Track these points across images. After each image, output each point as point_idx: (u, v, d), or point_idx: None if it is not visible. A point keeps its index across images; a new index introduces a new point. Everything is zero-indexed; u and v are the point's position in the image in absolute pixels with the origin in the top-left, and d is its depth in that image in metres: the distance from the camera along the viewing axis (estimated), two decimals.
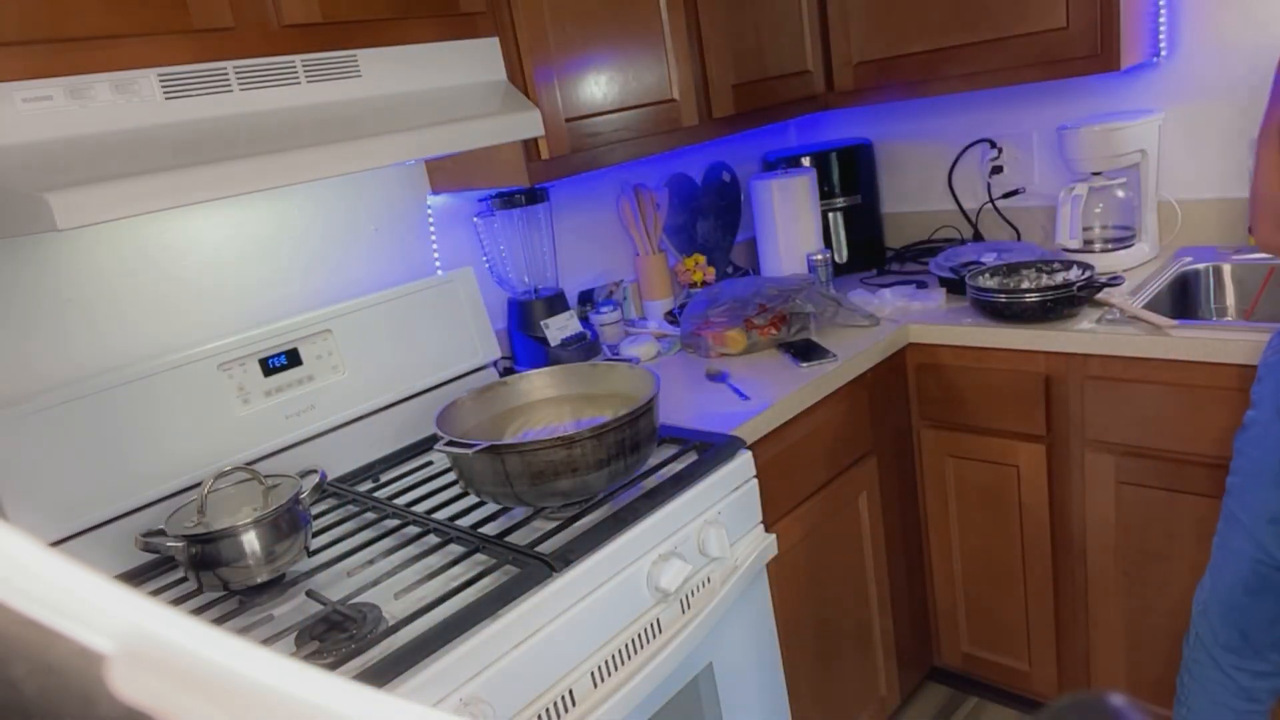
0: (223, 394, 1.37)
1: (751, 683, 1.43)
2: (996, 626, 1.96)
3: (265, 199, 1.51)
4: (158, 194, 0.98)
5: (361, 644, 1.00)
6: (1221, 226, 1.96)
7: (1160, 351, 1.55)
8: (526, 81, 1.49)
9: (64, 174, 0.94)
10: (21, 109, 0.96)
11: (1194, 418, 1.55)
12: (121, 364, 1.33)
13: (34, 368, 1.27)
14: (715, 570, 1.31)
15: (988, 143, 2.23)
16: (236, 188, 1.04)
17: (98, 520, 1.25)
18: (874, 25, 2.00)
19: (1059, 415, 1.72)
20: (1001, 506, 1.86)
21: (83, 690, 0.15)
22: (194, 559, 1.12)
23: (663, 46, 1.73)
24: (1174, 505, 1.62)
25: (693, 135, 1.82)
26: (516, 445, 1.16)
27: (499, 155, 1.57)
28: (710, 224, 2.32)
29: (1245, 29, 1.84)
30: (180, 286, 1.42)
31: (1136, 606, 1.73)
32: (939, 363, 1.85)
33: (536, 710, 1.06)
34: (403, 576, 1.14)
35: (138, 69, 1.04)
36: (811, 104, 2.10)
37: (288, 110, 1.17)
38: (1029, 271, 1.86)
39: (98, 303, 1.33)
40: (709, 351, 1.84)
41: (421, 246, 1.74)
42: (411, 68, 1.31)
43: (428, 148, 1.24)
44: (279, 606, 1.15)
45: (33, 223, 0.91)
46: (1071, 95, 2.09)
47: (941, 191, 2.37)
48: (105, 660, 0.16)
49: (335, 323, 1.51)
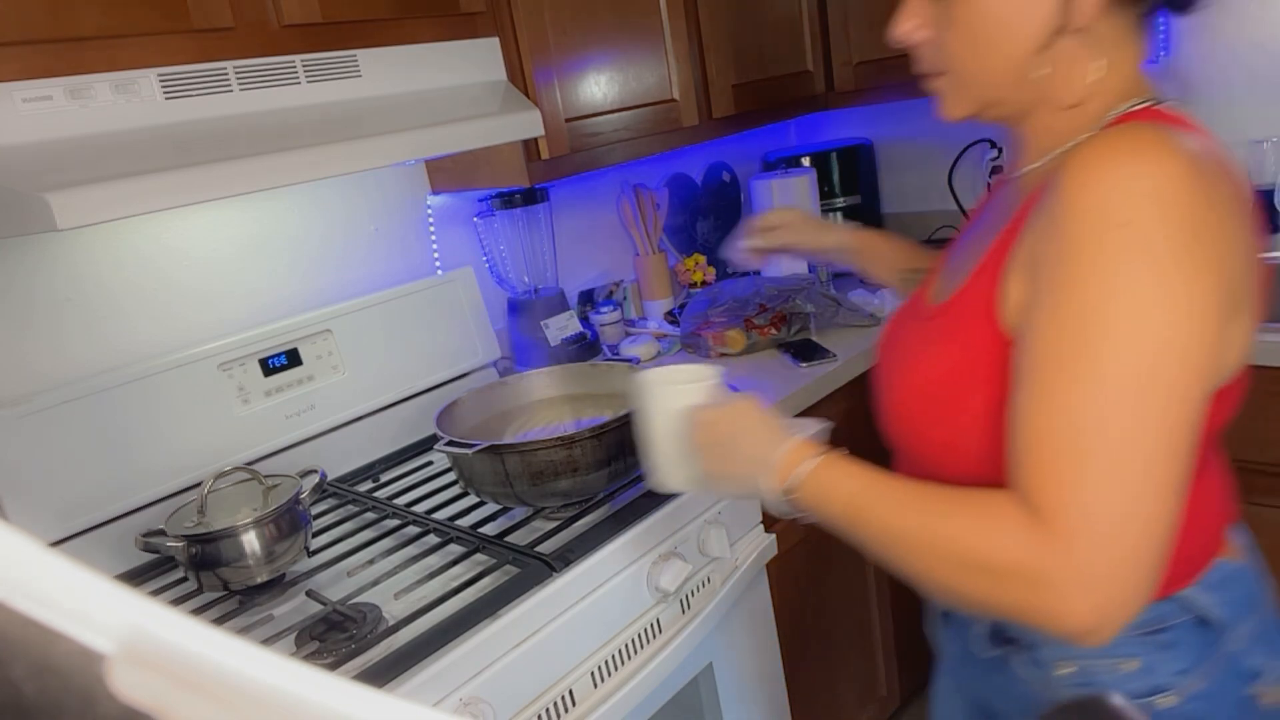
0: (223, 394, 1.37)
1: (751, 683, 1.43)
2: None
3: (265, 199, 1.51)
4: (158, 194, 0.98)
5: (361, 644, 1.00)
6: None
7: None
8: (526, 81, 1.49)
9: (64, 174, 0.94)
10: (21, 109, 0.96)
11: None
12: (121, 364, 1.33)
13: (33, 368, 1.27)
14: (715, 570, 1.31)
15: (988, 143, 2.23)
16: (236, 188, 1.04)
17: (98, 520, 1.25)
18: (874, 25, 1.99)
19: None
20: None
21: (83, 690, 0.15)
22: (194, 559, 1.12)
23: (663, 46, 1.73)
24: None
25: (693, 135, 1.82)
26: (516, 445, 1.16)
27: (499, 155, 1.57)
28: (710, 224, 2.32)
29: (1245, 29, 1.84)
30: (180, 286, 1.42)
31: None
32: None
33: (536, 710, 1.06)
34: (403, 576, 1.14)
35: (138, 69, 1.04)
36: (811, 104, 2.10)
37: (288, 110, 1.17)
38: None
39: (98, 303, 1.33)
40: (709, 351, 1.84)
41: (421, 246, 1.74)
42: (411, 68, 1.31)
43: (428, 148, 1.24)
44: (279, 606, 1.15)
45: (33, 223, 0.91)
46: None
47: (941, 191, 2.37)
48: (105, 660, 0.16)
49: (335, 323, 1.51)
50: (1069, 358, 0.60)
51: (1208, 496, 0.77)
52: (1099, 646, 0.75)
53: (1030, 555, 0.59)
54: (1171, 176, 0.61)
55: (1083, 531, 0.58)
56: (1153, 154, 0.62)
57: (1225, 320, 0.63)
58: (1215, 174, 0.64)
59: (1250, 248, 0.67)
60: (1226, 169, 0.67)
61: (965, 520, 0.64)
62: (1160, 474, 0.59)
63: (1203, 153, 0.65)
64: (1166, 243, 0.59)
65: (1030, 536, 0.60)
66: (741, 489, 0.82)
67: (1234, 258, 0.64)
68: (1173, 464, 0.60)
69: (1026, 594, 0.60)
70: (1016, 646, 0.82)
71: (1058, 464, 0.60)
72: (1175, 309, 0.59)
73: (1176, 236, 0.60)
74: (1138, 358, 0.59)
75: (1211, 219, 0.62)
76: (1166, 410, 0.59)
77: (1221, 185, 0.64)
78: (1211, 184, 0.63)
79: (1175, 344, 0.59)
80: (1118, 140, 0.63)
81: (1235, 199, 0.66)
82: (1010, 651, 0.82)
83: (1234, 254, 0.64)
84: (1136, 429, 0.59)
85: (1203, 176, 0.62)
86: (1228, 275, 0.62)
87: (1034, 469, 0.61)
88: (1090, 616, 0.58)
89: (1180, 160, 0.62)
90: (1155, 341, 0.59)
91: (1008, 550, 0.60)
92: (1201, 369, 0.61)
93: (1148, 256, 0.59)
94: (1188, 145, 0.64)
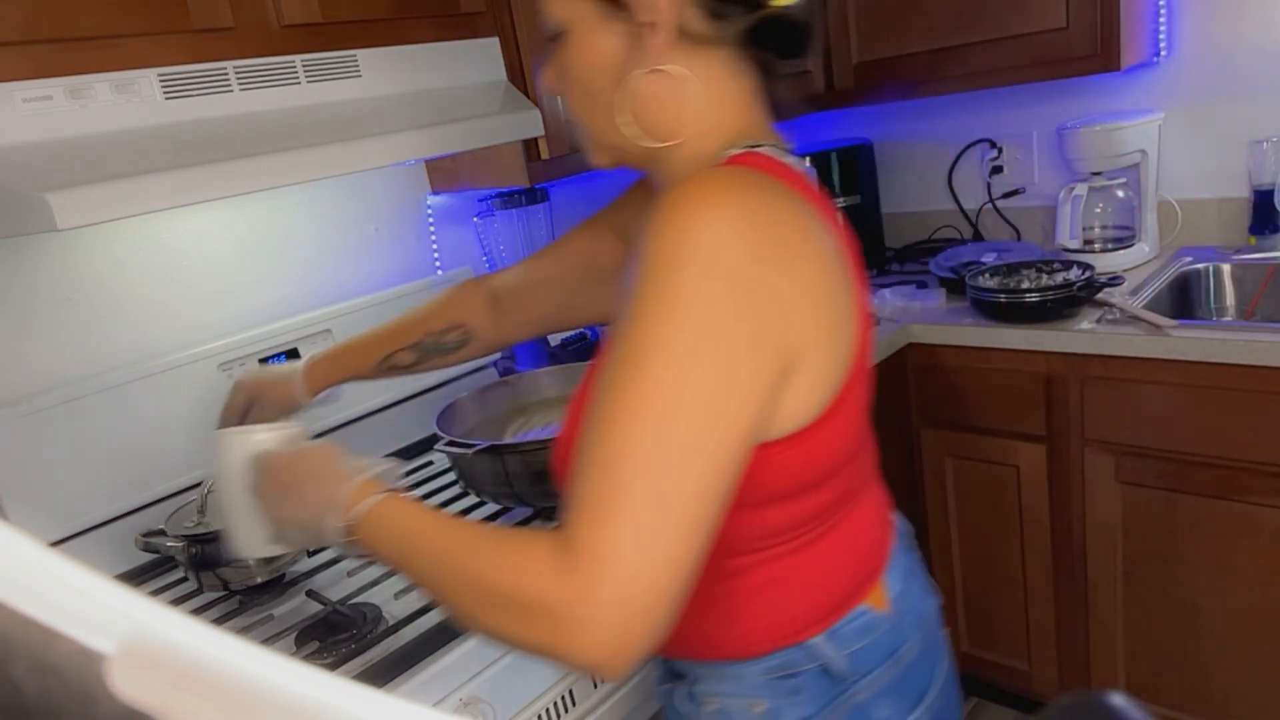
0: (223, 394, 1.37)
1: None
2: (996, 626, 1.96)
3: (265, 199, 1.51)
4: (158, 194, 0.98)
5: (361, 644, 1.00)
6: (1221, 226, 1.96)
7: (1160, 351, 1.55)
8: (526, 81, 1.49)
9: (64, 174, 0.94)
10: (21, 109, 0.96)
11: (1194, 418, 1.55)
12: (122, 364, 1.33)
13: (34, 367, 1.27)
14: None
15: (988, 143, 2.23)
16: (236, 188, 1.04)
17: (98, 520, 1.25)
18: (874, 25, 1.99)
19: (1059, 415, 1.72)
20: (1002, 506, 1.86)
21: (83, 690, 0.15)
22: (194, 559, 1.12)
23: None
24: (1174, 505, 1.62)
25: None
26: (516, 445, 1.16)
27: (499, 155, 1.57)
28: None
29: (1245, 29, 1.84)
30: (180, 286, 1.42)
31: (1136, 606, 1.73)
32: (939, 363, 1.85)
33: (536, 710, 1.06)
34: (403, 576, 1.14)
35: (138, 69, 1.04)
36: (811, 104, 2.10)
37: (288, 110, 1.17)
38: (1029, 271, 1.86)
39: (98, 302, 1.33)
40: None
41: (421, 246, 1.74)
42: (411, 68, 1.31)
43: (428, 148, 1.24)
44: (279, 606, 1.15)
45: (33, 223, 0.90)
46: (1071, 95, 2.09)
47: (941, 191, 2.37)
48: (105, 660, 0.15)
49: (335, 323, 1.51)
50: (613, 398, 0.60)
51: (845, 545, 0.77)
52: (696, 683, 0.79)
53: (551, 590, 0.58)
54: (727, 227, 0.61)
55: (608, 568, 0.57)
56: (713, 202, 0.62)
57: (774, 375, 0.63)
58: (785, 226, 0.64)
59: (824, 302, 0.66)
60: (806, 220, 0.66)
61: (498, 558, 0.62)
62: (689, 517, 0.59)
63: (776, 204, 0.64)
64: (709, 294, 0.59)
65: (554, 572, 0.58)
66: (312, 534, 0.78)
67: (792, 314, 0.63)
68: (703, 508, 0.59)
69: (545, 629, 0.58)
70: (679, 681, 0.83)
71: (594, 499, 0.59)
72: (711, 358, 0.59)
73: (719, 287, 0.60)
74: (670, 403, 0.58)
75: (761, 273, 0.61)
76: (693, 455, 0.58)
77: (790, 238, 0.64)
78: (774, 238, 0.63)
79: (707, 391, 0.59)
80: (689, 188, 0.63)
81: (813, 253, 0.66)
82: (674, 686, 0.84)
83: (792, 310, 0.63)
84: (668, 471, 0.58)
85: (760, 229, 0.62)
86: (779, 331, 0.62)
87: (573, 500, 0.60)
88: (603, 651, 0.57)
89: (740, 211, 0.62)
90: (691, 389, 0.59)
91: (530, 586, 0.59)
92: (735, 418, 0.60)
93: (693, 305, 0.59)
94: (760, 195, 0.64)
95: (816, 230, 0.67)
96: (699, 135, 0.73)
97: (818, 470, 0.71)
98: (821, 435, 0.69)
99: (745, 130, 0.74)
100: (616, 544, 0.57)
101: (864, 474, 0.82)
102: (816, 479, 0.72)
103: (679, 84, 0.71)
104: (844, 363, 0.69)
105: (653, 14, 0.69)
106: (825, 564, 0.76)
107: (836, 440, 0.71)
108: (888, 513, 0.87)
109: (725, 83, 0.73)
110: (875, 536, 0.82)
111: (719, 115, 0.73)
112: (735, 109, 0.74)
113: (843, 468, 0.74)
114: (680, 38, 0.70)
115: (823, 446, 0.70)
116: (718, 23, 0.70)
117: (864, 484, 0.81)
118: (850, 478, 0.77)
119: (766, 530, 0.73)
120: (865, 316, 0.75)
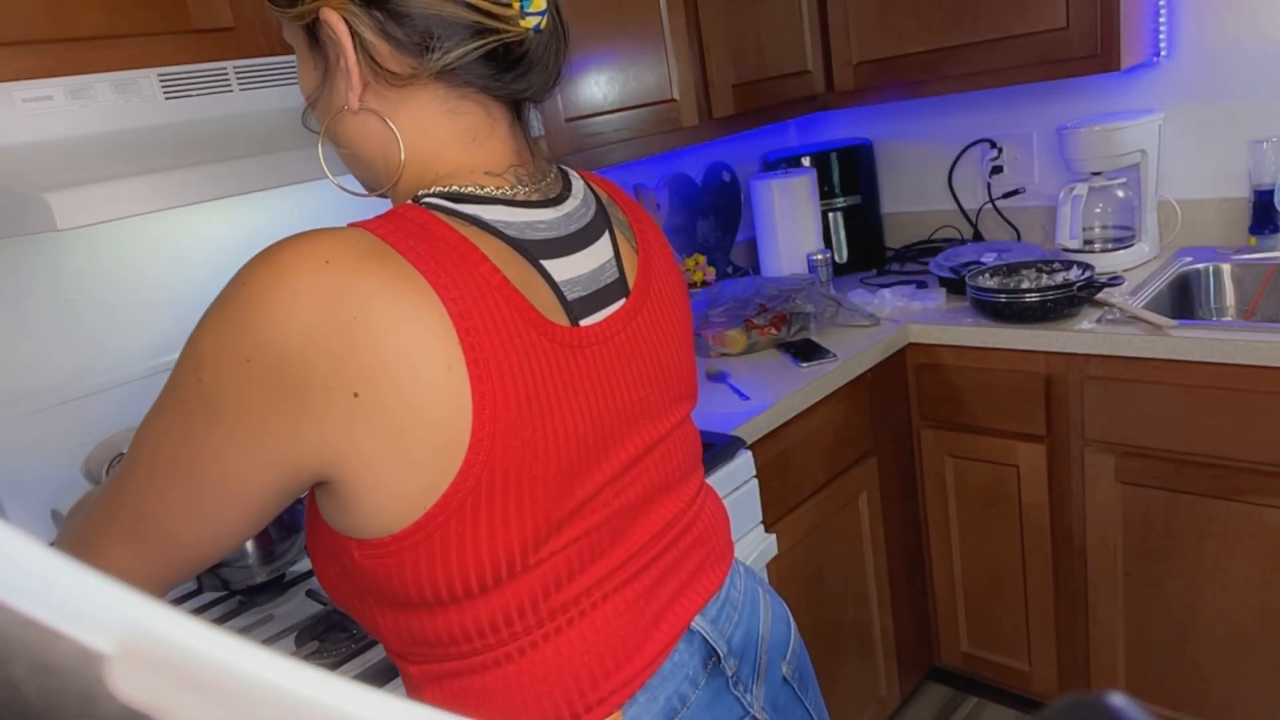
0: None
1: None
2: (996, 626, 1.96)
3: (266, 199, 1.51)
4: (158, 194, 0.98)
5: (362, 644, 1.00)
6: (1221, 226, 1.96)
7: (1160, 351, 1.55)
8: None
9: (64, 174, 0.94)
10: (21, 109, 0.96)
11: (1194, 417, 1.55)
12: (122, 364, 1.33)
13: (34, 368, 1.27)
14: None
15: (988, 143, 2.23)
16: (236, 188, 1.04)
17: None
18: (874, 25, 2.00)
19: (1059, 415, 1.72)
20: (1001, 506, 1.86)
21: (83, 690, 0.15)
22: None
23: (663, 46, 1.73)
24: (1174, 505, 1.62)
25: (693, 135, 1.82)
26: None
27: None
28: (710, 224, 2.32)
29: (1245, 29, 1.84)
30: (180, 286, 1.42)
31: (1136, 606, 1.73)
32: (939, 363, 1.85)
33: None
34: None
35: (138, 69, 1.04)
36: (811, 104, 2.10)
37: (288, 110, 1.17)
38: (1029, 271, 1.86)
39: (98, 303, 1.33)
40: (709, 351, 1.84)
41: None
42: None
43: None
44: (279, 606, 1.15)
45: (33, 223, 0.90)
46: (1071, 95, 2.09)
47: (941, 191, 2.37)
48: (105, 660, 0.15)
49: None
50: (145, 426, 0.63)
51: (570, 651, 0.66)
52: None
53: None
54: (290, 298, 0.58)
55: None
56: (283, 265, 0.60)
57: (322, 465, 0.58)
58: (390, 297, 0.57)
59: (394, 396, 0.57)
60: (402, 304, 0.58)
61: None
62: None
63: (388, 273, 0.58)
64: (239, 373, 0.58)
65: None
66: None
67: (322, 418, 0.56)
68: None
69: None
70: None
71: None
72: (209, 430, 0.58)
73: (243, 374, 0.58)
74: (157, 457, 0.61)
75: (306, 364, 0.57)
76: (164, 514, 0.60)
77: (377, 323, 0.57)
78: (361, 320, 0.57)
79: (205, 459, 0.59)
80: (286, 241, 0.62)
81: (427, 330, 0.57)
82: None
83: (323, 413, 0.56)
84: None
85: (346, 308, 0.57)
86: (329, 421, 0.56)
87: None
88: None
89: (317, 283, 0.59)
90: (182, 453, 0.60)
91: None
92: (235, 496, 0.60)
93: (217, 377, 0.59)
94: (357, 262, 0.59)
95: (419, 316, 0.57)
96: (406, 177, 0.68)
97: (451, 582, 0.61)
98: (427, 545, 0.59)
99: (456, 170, 0.66)
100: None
101: (592, 585, 0.67)
102: (455, 593, 0.61)
103: (375, 124, 0.66)
104: (443, 470, 0.58)
105: (336, 50, 0.63)
106: (555, 669, 0.66)
107: (466, 550, 0.60)
108: (668, 627, 0.71)
109: (435, 120, 0.66)
110: (603, 660, 0.67)
111: (424, 155, 0.67)
112: (448, 148, 0.66)
113: (507, 580, 0.62)
114: (378, 76, 0.64)
115: (439, 558, 0.59)
116: (418, 60, 0.63)
117: (598, 597, 0.67)
118: (541, 589, 0.64)
119: (424, 638, 0.64)
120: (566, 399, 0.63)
